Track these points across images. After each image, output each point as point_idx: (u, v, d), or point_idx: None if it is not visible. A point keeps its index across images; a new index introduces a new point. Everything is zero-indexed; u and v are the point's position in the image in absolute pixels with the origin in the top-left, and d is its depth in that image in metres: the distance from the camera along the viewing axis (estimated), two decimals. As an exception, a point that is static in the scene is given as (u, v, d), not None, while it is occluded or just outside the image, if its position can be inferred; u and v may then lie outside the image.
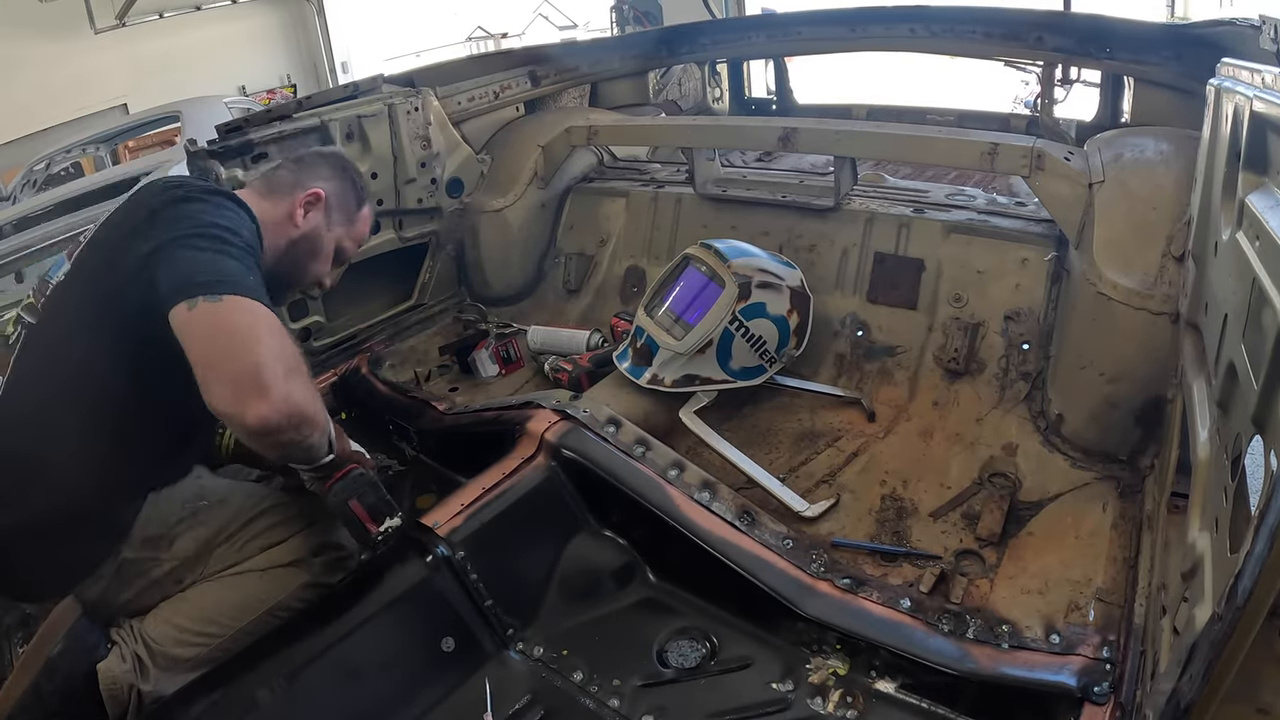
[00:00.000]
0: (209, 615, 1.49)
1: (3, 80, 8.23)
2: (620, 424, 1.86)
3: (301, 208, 1.64)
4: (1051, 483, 1.80)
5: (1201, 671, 0.76)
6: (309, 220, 1.65)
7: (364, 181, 1.82)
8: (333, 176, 1.72)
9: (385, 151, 2.56)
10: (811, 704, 1.43)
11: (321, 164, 1.73)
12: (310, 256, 1.69)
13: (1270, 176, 1.15)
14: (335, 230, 1.72)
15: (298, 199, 1.64)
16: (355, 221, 1.77)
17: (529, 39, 10.18)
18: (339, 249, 1.75)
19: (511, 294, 2.87)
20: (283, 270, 1.64)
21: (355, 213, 1.77)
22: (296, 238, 1.64)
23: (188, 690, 1.37)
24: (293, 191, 1.65)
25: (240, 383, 1.19)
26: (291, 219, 1.63)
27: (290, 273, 1.68)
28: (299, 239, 1.65)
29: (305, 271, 1.71)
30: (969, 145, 2.10)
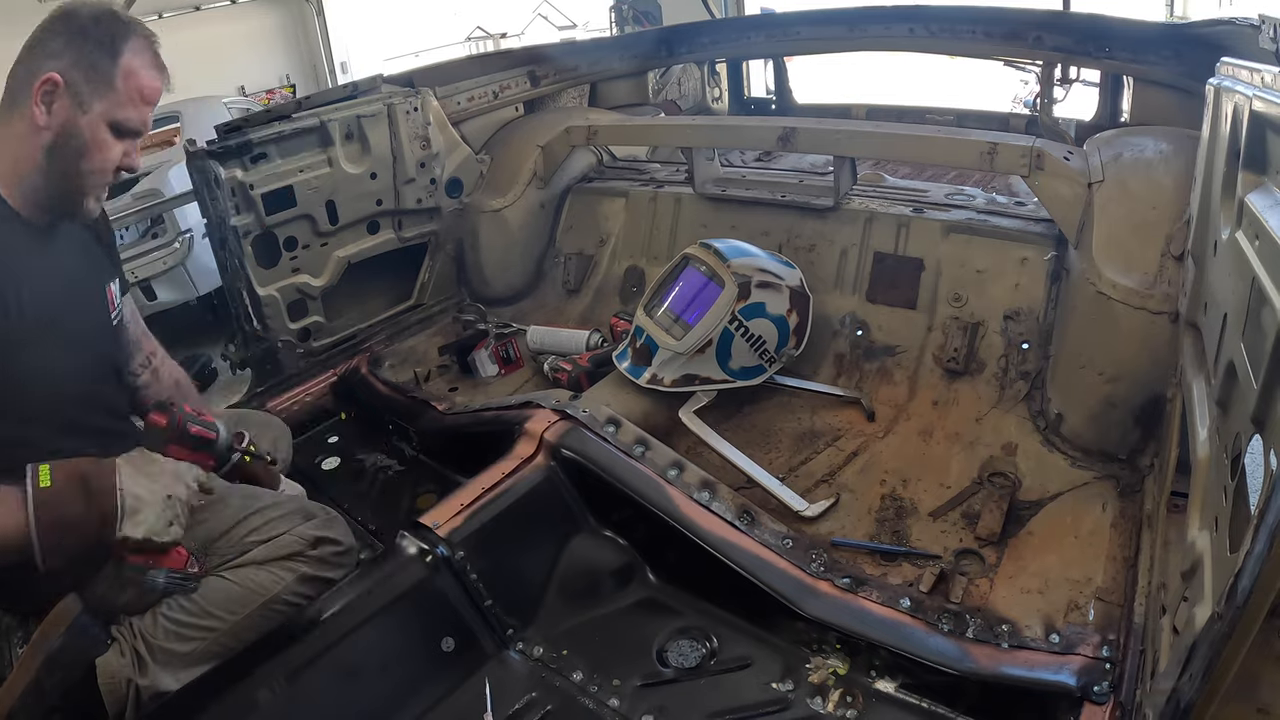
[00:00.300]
0: (207, 609, 1.48)
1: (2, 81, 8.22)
2: (620, 424, 1.86)
3: (38, 105, 1.30)
4: (1051, 482, 1.80)
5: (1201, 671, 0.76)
6: (55, 115, 1.31)
7: (115, 25, 1.36)
8: (66, 46, 1.33)
9: (384, 152, 2.56)
10: (811, 704, 1.43)
11: (49, 37, 1.34)
12: (78, 155, 1.34)
13: (1269, 175, 1.15)
14: (95, 108, 1.33)
15: (33, 98, 1.30)
16: (116, 82, 1.34)
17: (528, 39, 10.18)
18: (115, 125, 1.36)
19: (511, 294, 2.87)
20: (57, 185, 1.35)
21: (112, 70, 1.34)
22: (49, 143, 1.32)
23: (188, 690, 1.37)
24: (26, 91, 1.31)
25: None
26: (33, 123, 1.31)
27: (65, 183, 1.36)
28: (53, 144, 1.32)
29: (80, 175, 1.36)
30: (968, 145, 2.10)
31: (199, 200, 2.28)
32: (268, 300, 2.41)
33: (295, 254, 2.46)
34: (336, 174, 2.47)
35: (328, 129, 2.41)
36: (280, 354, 2.48)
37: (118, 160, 1.38)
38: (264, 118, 2.32)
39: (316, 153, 2.43)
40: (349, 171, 2.50)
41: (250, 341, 2.43)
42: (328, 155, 2.45)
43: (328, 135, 2.42)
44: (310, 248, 2.49)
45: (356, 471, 2.25)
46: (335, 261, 2.55)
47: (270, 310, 2.42)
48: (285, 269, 2.44)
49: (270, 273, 2.42)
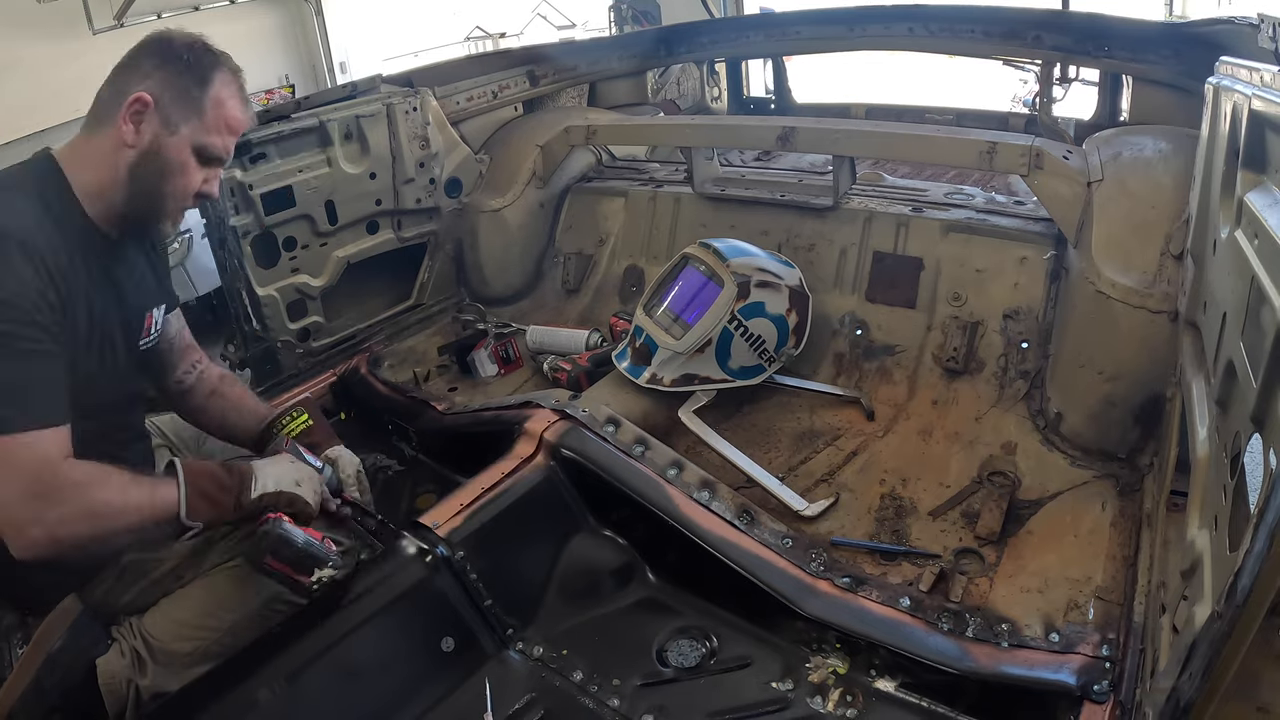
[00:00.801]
0: (208, 609, 1.48)
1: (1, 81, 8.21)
2: (619, 423, 1.86)
3: (127, 122, 1.32)
4: (1051, 481, 1.80)
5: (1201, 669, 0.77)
6: (143, 134, 1.33)
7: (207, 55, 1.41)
8: (157, 67, 1.35)
9: (384, 151, 2.56)
10: (811, 703, 1.43)
11: (143, 58, 1.37)
12: (161, 176, 1.36)
13: (1269, 174, 1.15)
14: (182, 131, 1.35)
15: (121, 114, 1.32)
16: (206, 108, 1.37)
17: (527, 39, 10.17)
18: (200, 149, 1.38)
19: (510, 294, 2.86)
20: (137, 204, 1.37)
21: (202, 97, 1.36)
22: (134, 161, 1.33)
23: (189, 689, 1.37)
24: (116, 109, 1.33)
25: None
26: (120, 141, 1.33)
27: (147, 202, 1.38)
28: (137, 162, 1.33)
29: (163, 196, 1.38)
30: (967, 144, 2.10)
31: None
32: (267, 300, 2.41)
33: (294, 254, 2.46)
34: (336, 174, 2.47)
35: (327, 129, 2.41)
36: (279, 354, 2.48)
37: (198, 186, 1.40)
38: (263, 118, 2.32)
39: (316, 153, 2.43)
40: (348, 171, 2.50)
41: (249, 341, 2.43)
42: (327, 155, 2.44)
43: (327, 135, 2.42)
44: (309, 248, 2.49)
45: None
46: (334, 261, 2.55)
47: (269, 310, 2.42)
48: (284, 269, 2.44)
49: (269, 273, 2.41)
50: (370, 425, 2.38)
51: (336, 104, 2.46)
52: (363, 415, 2.42)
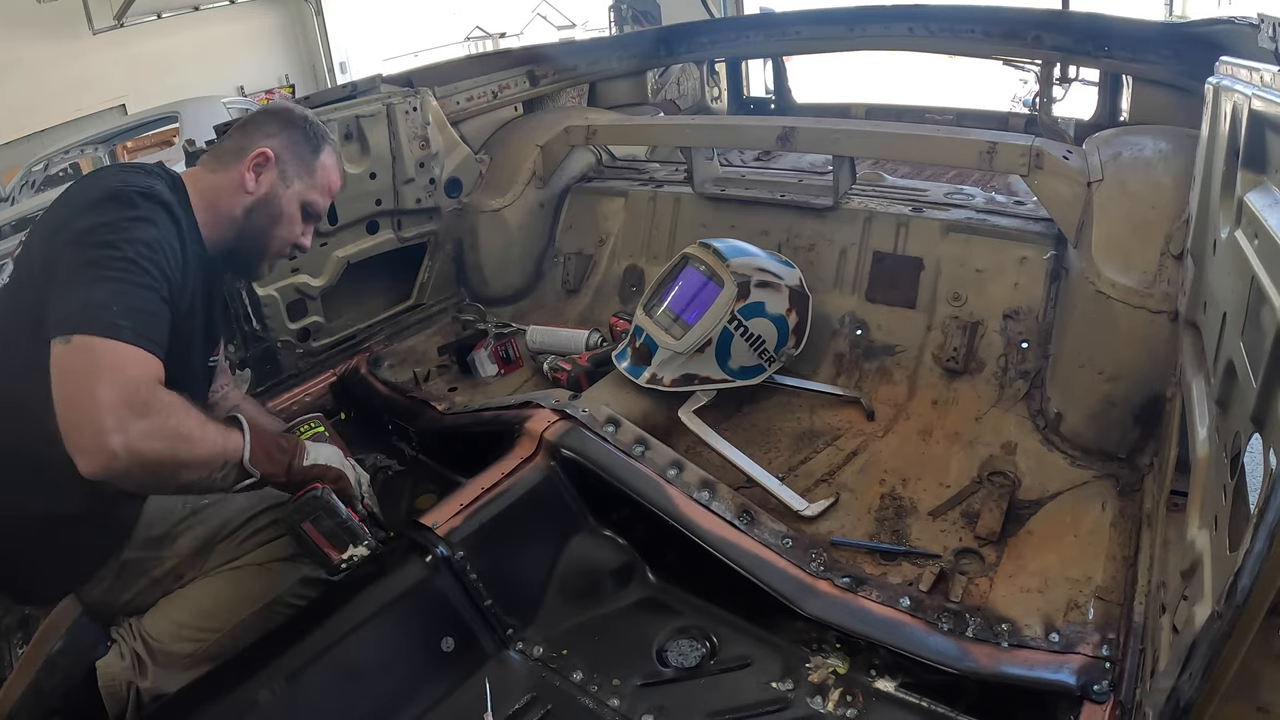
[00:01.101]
0: (208, 611, 1.48)
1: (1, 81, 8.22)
2: (619, 423, 1.86)
3: (250, 171, 1.54)
4: (1051, 481, 1.80)
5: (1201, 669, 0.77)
6: (261, 183, 1.56)
7: (319, 128, 1.67)
8: (280, 130, 1.60)
9: (384, 152, 2.56)
10: (811, 703, 1.43)
11: (266, 120, 1.62)
12: (272, 222, 1.59)
13: (1269, 174, 1.15)
14: (295, 186, 1.60)
15: (244, 164, 1.54)
16: (316, 171, 1.64)
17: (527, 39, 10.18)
18: (305, 205, 1.63)
19: (510, 294, 2.86)
20: (247, 242, 1.58)
21: (314, 161, 1.63)
22: (251, 205, 1.56)
23: (188, 690, 1.37)
24: (239, 158, 1.55)
25: (69, 432, 1.16)
26: (242, 186, 1.54)
27: (255, 242, 1.60)
28: (254, 206, 1.56)
29: (270, 238, 1.61)
30: (967, 144, 2.10)
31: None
32: (267, 300, 2.41)
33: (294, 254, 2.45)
34: (336, 174, 2.47)
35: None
36: (279, 354, 2.48)
37: (298, 237, 1.65)
38: (263, 118, 2.32)
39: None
40: (348, 171, 2.49)
41: (249, 341, 2.43)
42: (327, 155, 2.44)
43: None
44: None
45: (356, 472, 2.25)
46: (334, 261, 2.55)
47: (269, 310, 2.42)
48: (284, 269, 2.44)
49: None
50: (370, 425, 2.38)
51: (336, 104, 2.46)
52: (363, 415, 2.42)
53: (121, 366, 1.20)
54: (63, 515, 1.37)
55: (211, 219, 1.52)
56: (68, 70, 8.71)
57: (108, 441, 1.15)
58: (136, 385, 1.20)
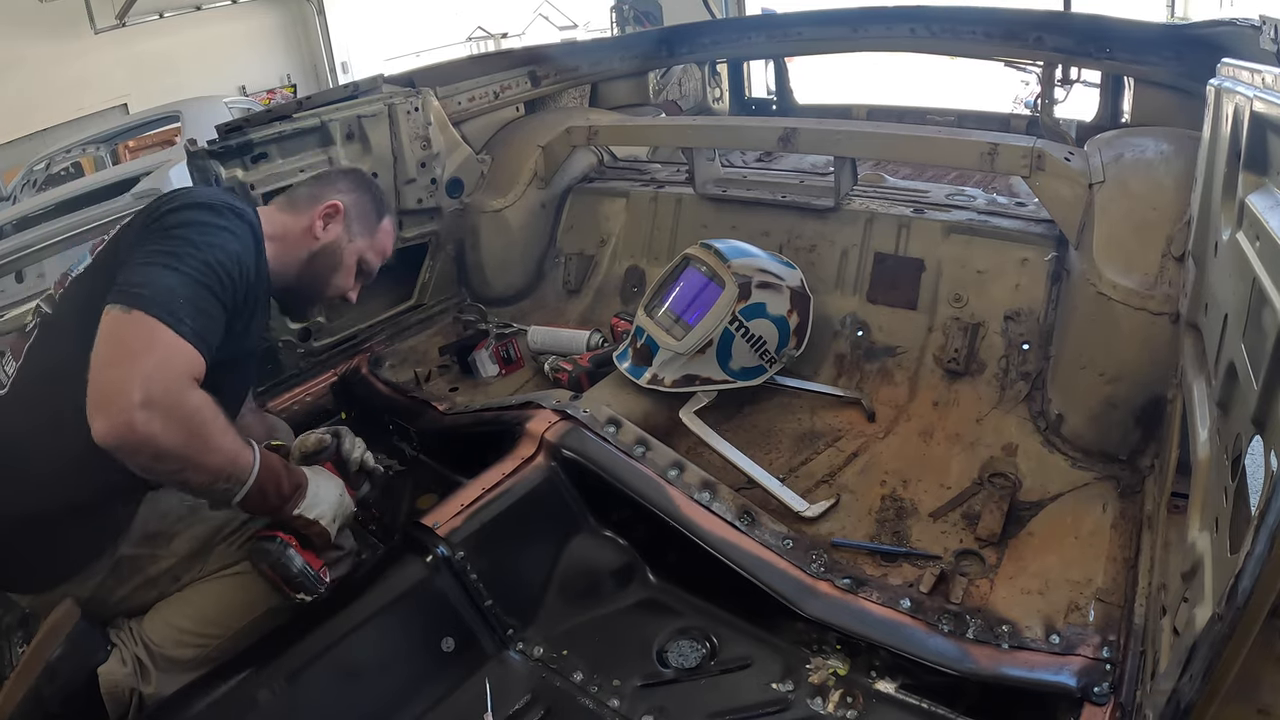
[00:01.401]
0: (209, 616, 1.48)
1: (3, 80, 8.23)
2: (620, 424, 1.86)
3: (320, 219, 1.67)
4: (1051, 483, 1.80)
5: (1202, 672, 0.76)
6: (329, 232, 1.68)
7: (386, 196, 1.82)
8: (352, 190, 1.74)
9: (385, 152, 2.56)
10: (811, 704, 1.43)
11: (341, 178, 1.77)
12: (331, 269, 1.71)
13: (1270, 177, 1.15)
14: (357, 242, 1.73)
15: (316, 211, 1.67)
16: (376, 233, 1.79)
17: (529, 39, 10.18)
18: (361, 261, 1.76)
19: (511, 294, 2.87)
20: (305, 283, 1.69)
21: (376, 225, 1.78)
22: (316, 250, 1.67)
23: (188, 690, 1.37)
24: (312, 205, 1.68)
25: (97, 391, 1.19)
26: (311, 231, 1.66)
27: (312, 285, 1.71)
28: (319, 251, 1.67)
29: (326, 284, 1.72)
30: (969, 145, 2.10)
31: (200, 200, 2.28)
32: (268, 300, 2.41)
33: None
34: (337, 174, 2.47)
35: (328, 129, 2.41)
36: (280, 354, 2.48)
37: (349, 286, 1.77)
38: (265, 118, 2.32)
39: (317, 153, 2.43)
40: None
41: (251, 341, 2.43)
42: (328, 155, 2.44)
43: (328, 135, 2.42)
44: (311, 248, 2.49)
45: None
46: (336, 261, 2.55)
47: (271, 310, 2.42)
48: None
49: (271, 273, 2.41)
50: (371, 425, 2.38)
51: (338, 104, 2.46)
52: (363, 415, 2.42)
53: (170, 354, 1.24)
54: (62, 505, 1.38)
55: (279, 253, 1.61)
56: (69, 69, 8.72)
57: (132, 414, 1.17)
58: (178, 375, 1.24)
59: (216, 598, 1.50)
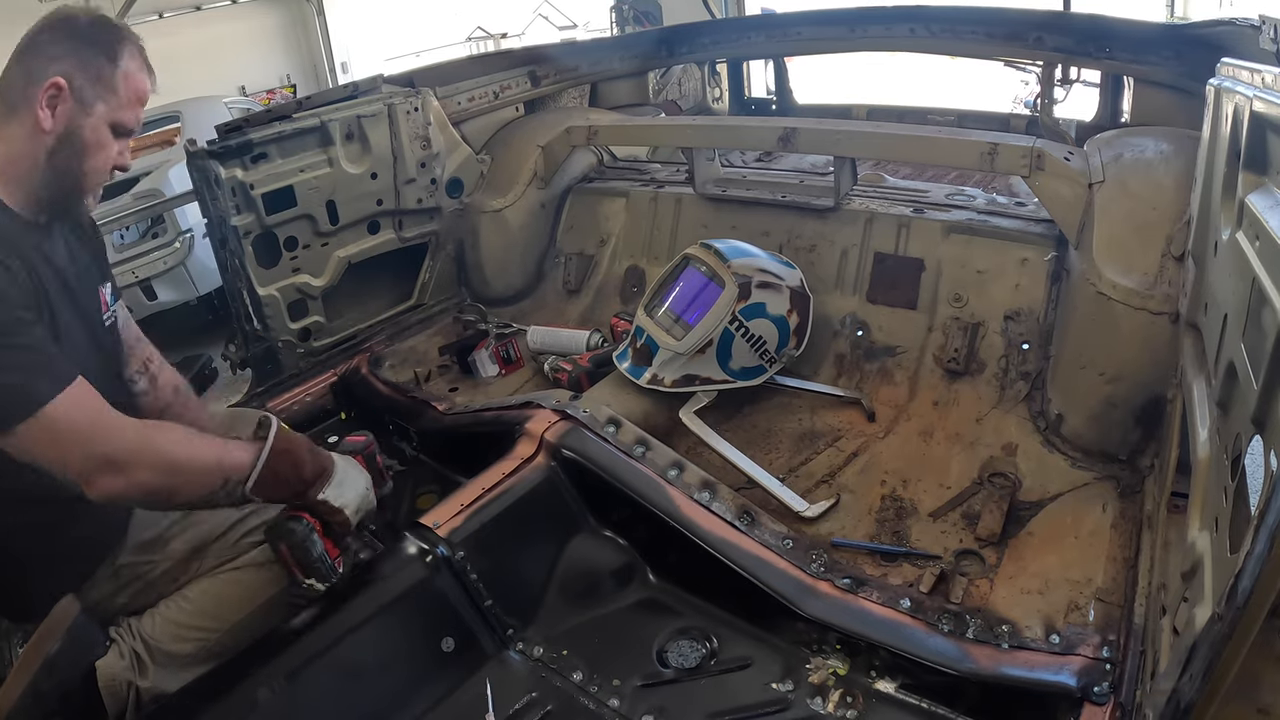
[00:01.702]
0: (207, 610, 1.48)
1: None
2: (620, 424, 1.86)
3: (44, 109, 1.31)
4: (1051, 483, 1.80)
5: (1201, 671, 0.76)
6: (59, 119, 1.32)
7: (114, 30, 1.39)
8: (65, 54, 1.33)
9: (385, 152, 2.56)
10: (811, 704, 1.43)
11: (47, 43, 1.34)
12: (80, 157, 1.36)
13: (1270, 176, 1.15)
14: (96, 110, 1.34)
15: (37, 100, 1.30)
16: (118, 85, 1.36)
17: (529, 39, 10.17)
18: (116, 125, 1.38)
19: (511, 294, 2.87)
20: (59, 187, 1.36)
21: (113, 75, 1.35)
22: (52, 147, 1.32)
23: (188, 690, 1.37)
24: (26, 92, 1.31)
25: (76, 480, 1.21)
26: (38, 127, 1.31)
27: (70, 183, 1.37)
28: (55, 147, 1.33)
29: (83, 174, 1.37)
30: (969, 145, 2.10)
31: (199, 200, 2.28)
32: (268, 300, 2.41)
33: (295, 254, 2.46)
34: (337, 174, 2.47)
35: (328, 129, 2.41)
36: (280, 354, 2.48)
37: (114, 160, 1.41)
38: (264, 118, 2.32)
39: (317, 153, 2.43)
40: (349, 171, 2.50)
41: (250, 341, 2.43)
42: (328, 155, 2.45)
43: (328, 135, 2.42)
44: (311, 248, 2.49)
45: (357, 471, 2.24)
46: (336, 261, 2.55)
47: (270, 310, 2.42)
48: (286, 269, 2.45)
49: (270, 272, 2.42)
50: (371, 425, 2.37)
51: (338, 104, 2.46)
52: (363, 415, 2.42)
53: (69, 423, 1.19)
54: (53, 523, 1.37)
55: (14, 178, 1.33)
56: (69, 70, 8.70)
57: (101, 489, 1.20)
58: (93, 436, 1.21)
59: (214, 594, 1.49)
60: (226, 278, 2.38)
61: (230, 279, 2.37)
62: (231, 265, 2.34)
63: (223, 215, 2.27)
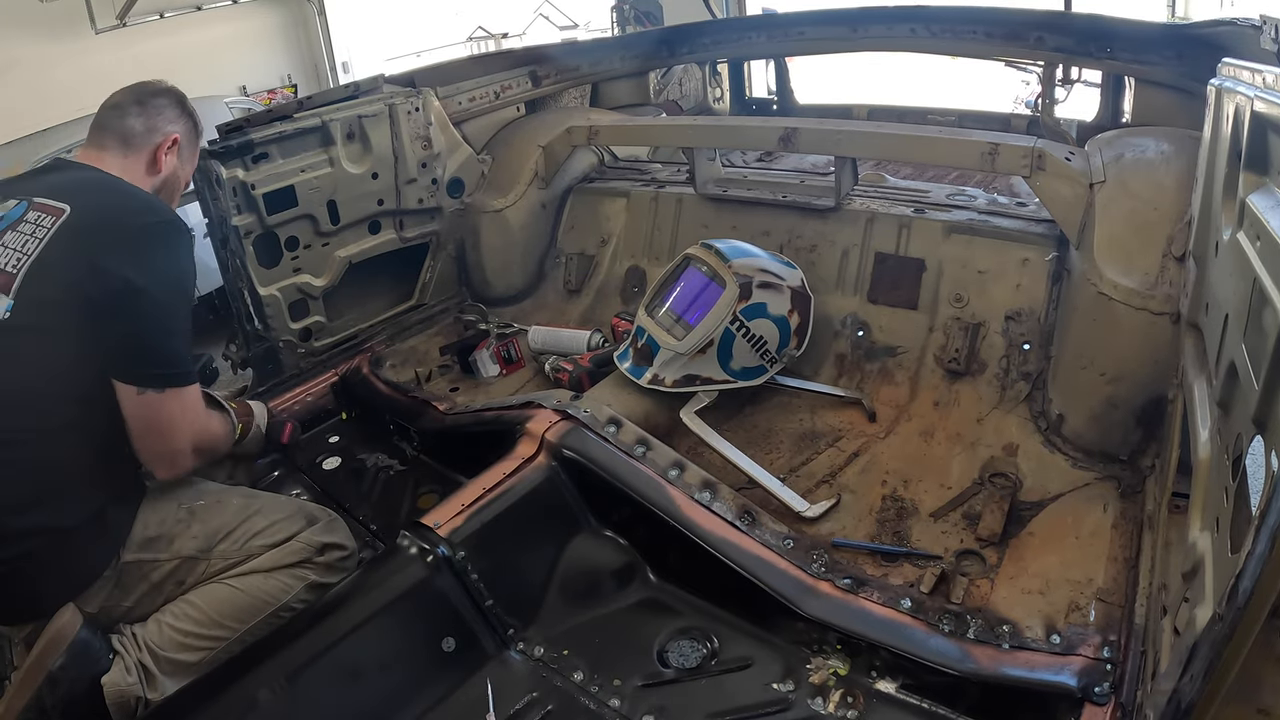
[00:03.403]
0: (214, 618, 1.48)
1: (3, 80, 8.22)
2: (621, 424, 1.86)
3: (165, 154, 1.67)
4: (1052, 483, 1.80)
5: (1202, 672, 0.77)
6: (168, 165, 1.69)
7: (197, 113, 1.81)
8: (180, 116, 1.73)
9: (386, 152, 2.56)
10: (812, 704, 1.43)
11: (167, 106, 1.71)
12: (171, 197, 1.73)
13: (1271, 176, 1.15)
14: (186, 168, 1.76)
15: (159, 147, 1.66)
16: (197, 151, 1.82)
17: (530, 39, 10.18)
18: (188, 182, 1.81)
19: (512, 294, 2.87)
20: None
21: (197, 144, 1.81)
22: (158, 186, 1.68)
23: (188, 690, 1.37)
24: (149, 140, 1.66)
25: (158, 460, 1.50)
26: (154, 167, 1.66)
27: None
28: (159, 187, 1.68)
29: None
30: (970, 145, 2.10)
31: (200, 200, 2.28)
32: (269, 300, 2.41)
33: (296, 254, 2.46)
34: (338, 174, 2.47)
35: (329, 129, 2.41)
36: (281, 354, 2.48)
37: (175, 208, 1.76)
38: (265, 118, 2.32)
39: (318, 152, 2.43)
40: (350, 171, 2.50)
41: (251, 341, 2.43)
42: (329, 155, 2.45)
43: (329, 135, 2.42)
44: (311, 247, 2.49)
45: (357, 471, 2.25)
46: (336, 261, 2.55)
47: (271, 310, 2.42)
48: (286, 269, 2.45)
49: (271, 272, 2.42)
50: (372, 425, 2.39)
51: (339, 104, 2.46)
52: (364, 415, 2.43)
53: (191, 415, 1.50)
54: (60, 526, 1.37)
55: None
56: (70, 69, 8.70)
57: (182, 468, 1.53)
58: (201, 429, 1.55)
59: (221, 600, 1.50)
60: (227, 278, 2.38)
61: (231, 279, 2.37)
62: (232, 265, 2.34)
63: (224, 215, 2.27)
